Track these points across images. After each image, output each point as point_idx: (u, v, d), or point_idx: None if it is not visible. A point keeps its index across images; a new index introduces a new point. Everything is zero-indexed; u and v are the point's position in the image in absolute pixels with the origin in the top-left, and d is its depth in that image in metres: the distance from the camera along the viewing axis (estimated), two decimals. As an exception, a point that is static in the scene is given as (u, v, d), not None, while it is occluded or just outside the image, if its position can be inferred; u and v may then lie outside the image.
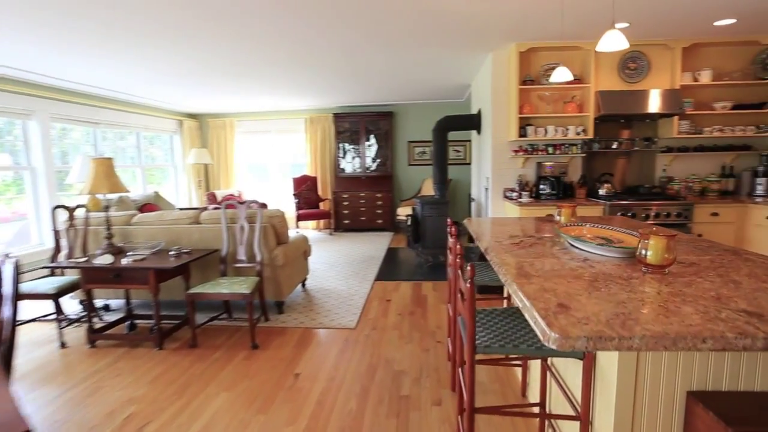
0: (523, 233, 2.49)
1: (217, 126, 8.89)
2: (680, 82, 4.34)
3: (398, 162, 8.88)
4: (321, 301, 4.33)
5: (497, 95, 4.78)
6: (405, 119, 8.76)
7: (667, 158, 4.72)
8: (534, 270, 1.69)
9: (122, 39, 4.02)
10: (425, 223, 5.57)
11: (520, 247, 2.11)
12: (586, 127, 4.48)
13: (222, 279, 3.46)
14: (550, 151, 4.66)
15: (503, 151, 4.84)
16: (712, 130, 4.46)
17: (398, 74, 5.86)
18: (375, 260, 6.09)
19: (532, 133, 4.57)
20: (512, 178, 4.87)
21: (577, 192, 4.67)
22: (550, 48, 4.46)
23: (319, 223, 8.89)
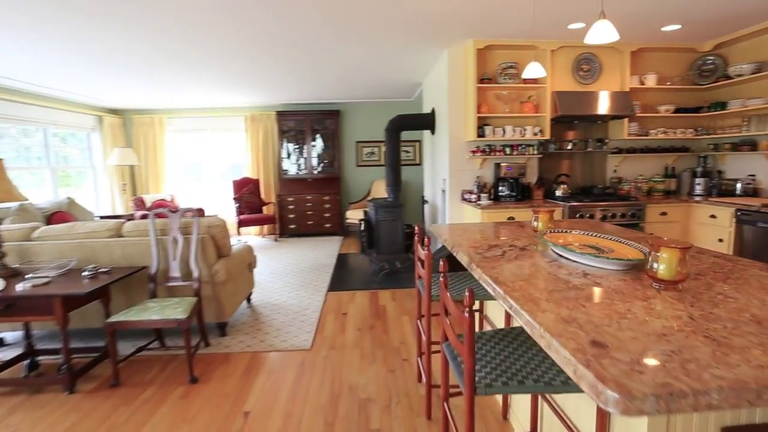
0: (501, 242, 2.26)
1: (143, 123, 8.03)
2: (629, 85, 4.39)
3: (346, 163, 8.53)
4: (270, 319, 3.89)
5: (454, 93, 4.60)
6: (353, 118, 8.42)
7: (617, 159, 4.78)
8: (538, 291, 1.44)
9: (27, 15, 3.34)
10: (379, 228, 5.28)
11: (507, 260, 1.87)
12: (542, 127, 4.41)
13: (152, 302, 2.94)
14: (508, 152, 4.54)
15: (460, 151, 4.67)
16: (657, 132, 4.57)
17: (347, 70, 5.52)
18: (326, 268, 5.70)
19: (490, 134, 4.43)
20: (470, 180, 4.71)
21: (535, 193, 4.59)
22: (506, 46, 4.34)
23: (262, 229, 8.31)
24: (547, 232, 2.26)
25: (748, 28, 3.97)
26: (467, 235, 2.52)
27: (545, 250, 2.07)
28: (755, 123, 4.04)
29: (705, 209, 4.05)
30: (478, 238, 2.41)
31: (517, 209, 4.08)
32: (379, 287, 4.81)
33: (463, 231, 2.65)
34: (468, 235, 2.52)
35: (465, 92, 4.54)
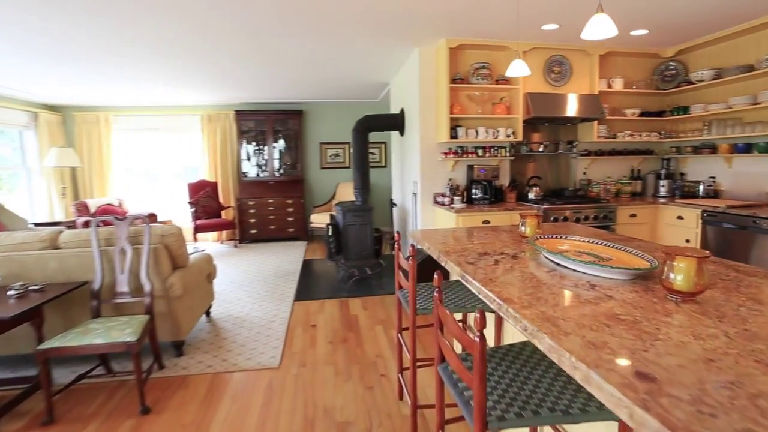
0: (490, 249, 2.11)
1: (87, 121, 7.40)
2: (598, 88, 4.41)
3: (309, 165, 8.23)
4: (232, 334, 3.57)
5: (425, 94, 4.45)
6: (316, 119, 8.14)
7: (586, 161, 4.81)
8: (550, 308, 1.28)
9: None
10: (347, 233, 5.05)
11: (504, 271, 1.71)
12: (515, 129, 4.34)
13: (95, 322, 2.58)
14: (480, 154, 4.45)
15: (432, 153, 4.53)
16: (624, 135, 4.62)
17: (309, 69, 5.26)
18: (291, 275, 5.40)
19: (463, 135, 4.31)
20: (442, 182, 4.58)
21: (508, 196, 4.52)
22: (479, 47, 4.24)
23: (221, 235, 7.85)
24: (537, 237, 2.13)
25: (708, 36, 4.08)
26: (451, 241, 2.35)
27: (537, 256, 1.93)
28: (715, 127, 4.15)
29: (672, 211, 4.11)
30: (463, 245, 2.25)
31: (492, 212, 3.98)
32: (349, 295, 4.58)
33: (445, 237, 2.48)
34: (452, 241, 2.35)
35: (437, 92, 4.41)
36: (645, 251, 1.94)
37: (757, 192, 3.95)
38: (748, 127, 3.82)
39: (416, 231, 2.69)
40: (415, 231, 2.69)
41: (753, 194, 3.99)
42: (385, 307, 4.21)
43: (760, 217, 3.32)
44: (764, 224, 3.30)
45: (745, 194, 4.06)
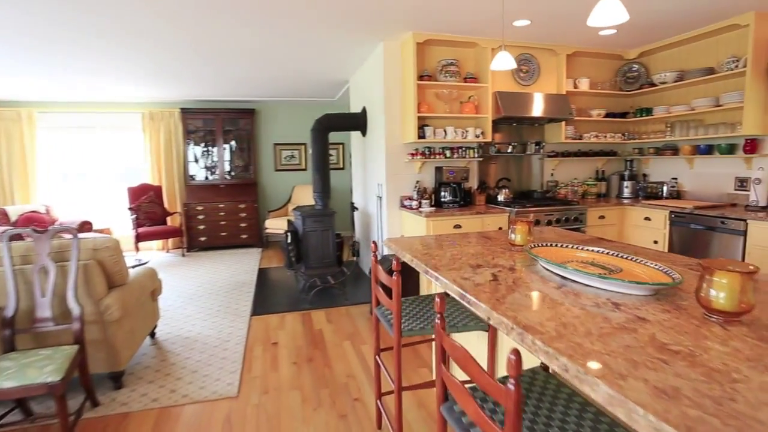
0: (482, 261, 1.88)
1: (6, 118, 6.55)
2: (565, 88, 4.36)
3: (263, 167, 7.77)
4: (181, 358, 3.15)
5: (390, 91, 4.21)
6: (270, 118, 7.70)
7: (553, 163, 4.75)
8: (584, 337, 1.06)
9: None
10: (308, 240, 4.71)
11: (508, 289, 1.48)
12: (484, 129, 4.20)
13: (6, 359, 2.11)
14: (448, 155, 4.27)
15: (398, 154, 4.29)
16: (590, 136, 4.61)
17: (263, 64, 4.88)
18: (246, 287, 4.98)
19: (431, 135, 4.11)
20: (409, 185, 4.35)
21: (477, 199, 4.37)
22: (446, 42, 4.06)
23: (167, 243, 7.22)
24: (532, 246, 1.93)
25: (669, 39, 4.12)
26: (435, 251, 2.11)
27: (535, 267, 1.72)
28: (677, 129, 4.20)
29: (639, 212, 4.11)
30: (451, 255, 2.01)
31: (464, 217, 3.80)
32: (311, 307, 4.24)
33: (427, 247, 2.23)
34: (436, 251, 2.11)
35: (403, 90, 4.18)
36: (648, 258, 1.78)
37: (719, 193, 4.03)
38: (711, 129, 3.88)
39: (394, 239, 2.43)
40: (394, 239, 2.43)
41: (715, 195, 4.07)
42: (351, 319, 3.92)
43: (728, 217, 3.35)
44: (732, 225, 3.32)
45: (707, 195, 4.14)
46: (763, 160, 3.67)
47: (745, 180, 3.82)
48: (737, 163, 3.89)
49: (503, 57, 2.61)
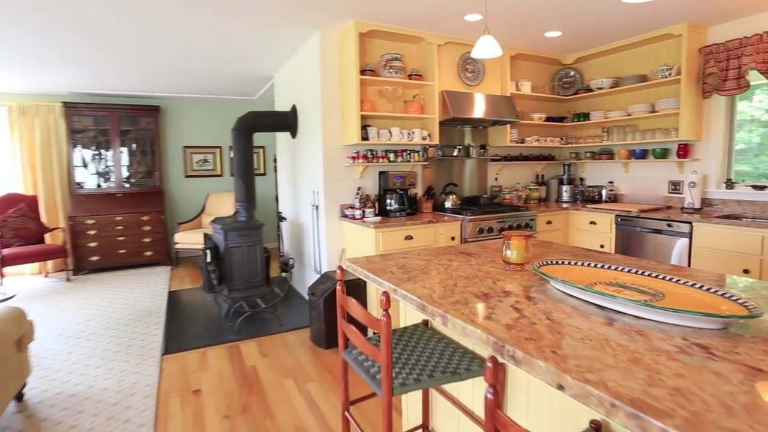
0: (484, 286, 1.49)
1: None
2: (509, 90, 4.21)
3: (171, 173, 6.78)
4: (64, 427, 2.35)
5: (329, 87, 3.73)
6: (178, 118, 6.75)
7: (497, 167, 4.59)
8: (727, 417, 0.70)
9: None
10: (231, 257, 4.03)
11: (551, 330, 1.10)
12: (430, 131, 3.88)
13: None
14: (392, 159, 3.88)
15: (337, 157, 3.81)
16: (532, 139, 4.52)
17: (174, 53, 4.12)
18: (154, 316, 4.13)
19: (375, 136, 3.70)
20: (350, 192, 3.89)
21: (424, 206, 4.03)
22: (390, 35, 3.68)
23: (45, 266, 5.93)
24: (541, 264, 1.59)
25: (605, 46, 4.16)
26: (414, 274, 1.68)
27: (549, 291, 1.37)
28: (613, 133, 4.26)
29: (584, 216, 4.07)
30: (438, 280, 1.60)
31: (415, 227, 3.43)
32: (239, 338, 3.58)
33: (400, 268, 1.80)
34: (415, 273, 1.68)
35: (343, 85, 3.72)
36: (680, 275, 1.52)
37: (655, 196, 4.13)
38: (648, 134, 3.95)
39: (358, 260, 1.96)
40: (357, 260, 1.96)
41: (651, 198, 4.16)
42: (289, 349, 3.35)
43: (674, 220, 3.37)
44: (678, 228, 3.34)
45: (644, 198, 4.23)
46: (696, 164, 3.81)
47: (679, 183, 3.94)
48: (671, 167, 4.00)
49: (487, 42, 2.26)
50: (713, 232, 3.13)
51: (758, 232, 2.89)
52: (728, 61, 3.43)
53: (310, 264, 4.33)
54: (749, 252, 2.94)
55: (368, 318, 1.41)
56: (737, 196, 3.56)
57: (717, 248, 3.12)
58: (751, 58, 3.28)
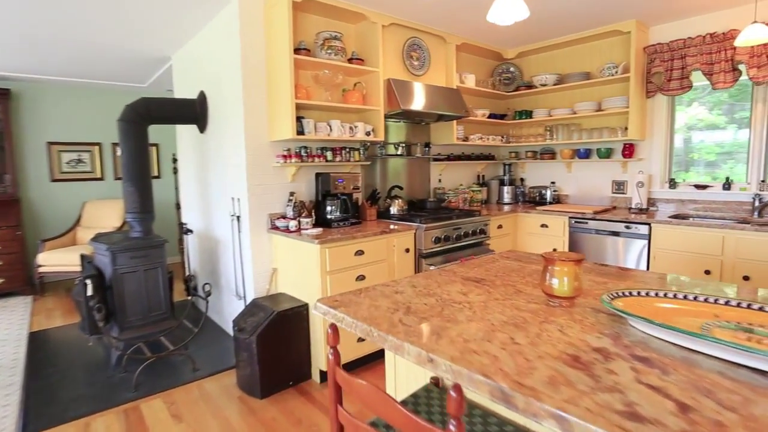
0: (560, 343, 1.00)
1: None
2: (455, 82, 3.84)
3: (31, 176, 5.35)
4: None
5: (252, 68, 3.00)
6: (39, 106, 5.34)
7: (440, 167, 4.21)
8: None
9: None
10: (123, 286, 3.10)
11: (719, 413, 0.63)
12: (375, 125, 3.34)
13: None
14: (329, 158, 3.28)
15: (264, 156, 3.10)
16: (476, 137, 4.22)
17: (33, 21, 3.03)
18: (4, 373, 3.01)
19: (312, 131, 3.06)
20: (281, 198, 3.20)
21: (368, 212, 3.48)
22: (326, 9, 3.06)
23: None
24: (613, 296, 1.15)
25: (549, 41, 4.00)
26: (434, 322, 1.14)
27: (626, 332, 0.93)
28: (556, 132, 4.12)
29: (535, 219, 3.86)
30: (481, 334, 1.07)
31: (366, 240, 2.87)
32: (138, 395, 2.70)
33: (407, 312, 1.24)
34: (436, 323, 1.14)
35: (271, 67, 3.02)
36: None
37: (600, 196, 4.06)
38: (596, 133, 3.85)
39: (333, 300, 1.35)
40: (336, 302, 1.35)
41: (596, 198, 4.09)
42: (212, 404, 2.57)
43: (633, 222, 3.25)
44: (637, 229, 3.23)
45: (588, 199, 4.15)
46: (640, 164, 3.79)
47: (622, 183, 3.91)
48: (614, 166, 3.96)
49: (508, 1, 1.71)
50: (673, 234, 3.05)
51: (719, 233, 2.84)
52: (672, 61, 3.42)
53: (229, 287, 3.53)
54: (710, 253, 2.89)
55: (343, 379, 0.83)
56: (680, 195, 3.58)
57: (676, 249, 3.05)
58: (695, 59, 3.29)
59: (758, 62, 2.99)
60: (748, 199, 3.22)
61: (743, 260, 2.76)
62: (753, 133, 3.24)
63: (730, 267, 2.81)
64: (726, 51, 3.14)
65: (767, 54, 2.97)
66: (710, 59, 3.22)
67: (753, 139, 3.24)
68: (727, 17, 3.22)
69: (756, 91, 3.19)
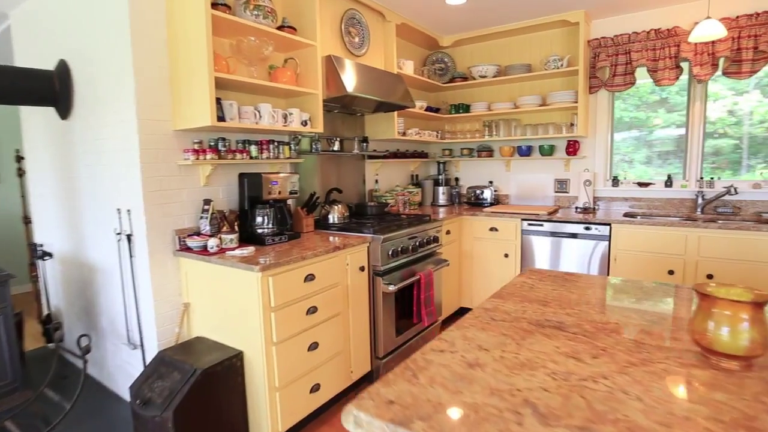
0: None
1: None
2: (394, 68, 3.34)
3: None
4: None
5: (145, 26, 2.14)
6: None
7: (375, 166, 3.68)
8: None
9: None
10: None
11: None
12: (312, 113, 2.69)
13: None
14: (254, 153, 2.55)
15: (166, 151, 2.26)
16: (413, 132, 3.77)
17: None
18: None
19: (236, 116, 2.31)
20: (191, 208, 2.39)
21: (304, 222, 2.80)
22: (248, -44, 2.33)
23: None
24: None
25: (489, 29, 3.72)
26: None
27: None
28: (502, 127, 3.87)
29: (484, 222, 3.54)
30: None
31: (317, 258, 2.23)
32: None
33: (512, 409, 0.70)
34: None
35: (178, 25, 2.19)
36: None
37: (543, 195, 3.91)
38: (541, 128, 3.66)
39: (401, 400, 0.75)
40: (400, 400, 0.74)
41: (539, 198, 3.93)
42: None
43: (592, 222, 3.09)
44: (597, 230, 3.08)
45: (529, 199, 3.98)
46: (583, 162, 3.70)
47: (565, 182, 3.79)
48: (556, 164, 3.83)
49: None
50: (634, 234, 2.94)
51: (681, 231, 2.78)
52: (617, 56, 3.35)
53: (116, 332, 2.57)
54: (672, 252, 2.83)
55: None
56: (623, 193, 3.56)
57: (638, 250, 2.95)
58: (640, 55, 3.25)
59: (701, 60, 3.02)
60: (691, 196, 3.27)
61: (706, 258, 2.73)
62: (690, 131, 3.31)
63: (693, 266, 2.76)
64: (670, 48, 3.13)
65: (708, 52, 3.01)
66: (655, 55, 3.20)
67: (691, 136, 3.30)
68: (672, 14, 3.21)
69: (694, 89, 3.25)
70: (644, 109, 3.53)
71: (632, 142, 3.60)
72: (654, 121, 3.49)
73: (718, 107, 3.24)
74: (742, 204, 3.11)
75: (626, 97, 3.57)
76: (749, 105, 3.14)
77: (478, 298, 3.63)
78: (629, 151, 3.62)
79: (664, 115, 3.46)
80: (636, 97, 3.55)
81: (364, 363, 2.63)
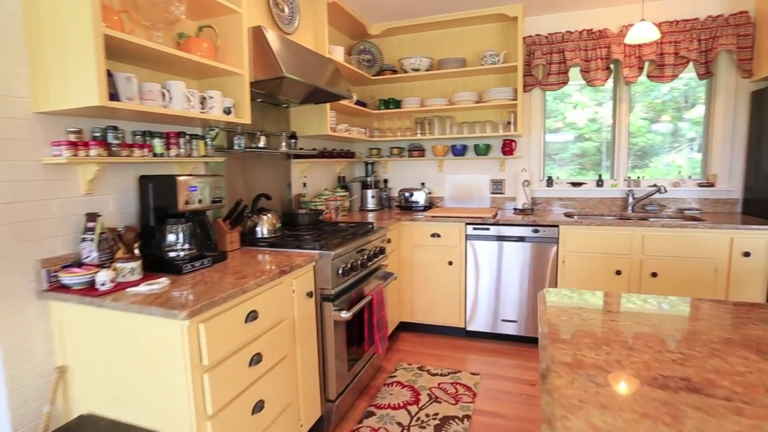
0: None
1: None
2: (326, 51, 2.87)
3: None
4: None
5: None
6: None
7: (302, 166, 3.15)
8: None
9: None
10: None
11: None
12: (237, 100, 2.11)
13: None
14: (159, 149, 1.89)
15: (20, 144, 1.52)
16: (343, 128, 3.33)
17: None
18: None
19: (134, 95, 1.64)
20: (65, 227, 1.66)
21: (228, 239, 2.19)
22: None
23: None
24: None
25: (421, 19, 3.44)
26: None
27: None
28: (436, 125, 3.62)
29: (425, 228, 3.24)
30: None
31: (260, 290, 1.69)
32: None
33: None
34: None
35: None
36: None
37: (479, 197, 3.75)
38: (477, 127, 3.48)
39: None
40: None
41: (476, 200, 3.76)
42: None
43: (541, 225, 2.98)
44: (545, 233, 2.97)
45: (465, 201, 3.80)
46: (519, 162, 3.62)
47: (500, 182, 3.68)
48: (492, 165, 3.70)
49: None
50: (580, 235, 2.90)
51: (626, 231, 2.80)
52: (552, 54, 3.31)
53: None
54: (618, 252, 2.83)
55: None
56: (557, 193, 3.55)
57: (585, 251, 2.91)
58: (574, 54, 3.24)
59: (630, 62, 3.10)
60: (621, 195, 3.37)
61: (650, 257, 2.77)
62: (618, 131, 3.41)
63: (638, 265, 2.79)
64: (601, 49, 3.17)
65: (636, 55, 3.11)
66: (587, 56, 3.22)
67: (618, 136, 3.41)
68: (603, 15, 3.25)
69: (620, 90, 3.35)
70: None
71: (561, 143, 3.64)
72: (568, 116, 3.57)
73: (588, 113, 3.48)
74: (666, 202, 3.28)
75: (550, 98, 3.60)
76: (607, 113, 3.41)
77: (420, 311, 3.33)
78: (558, 149, 3.65)
79: (573, 113, 3.57)
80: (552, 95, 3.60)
81: (314, 409, 2.13)
